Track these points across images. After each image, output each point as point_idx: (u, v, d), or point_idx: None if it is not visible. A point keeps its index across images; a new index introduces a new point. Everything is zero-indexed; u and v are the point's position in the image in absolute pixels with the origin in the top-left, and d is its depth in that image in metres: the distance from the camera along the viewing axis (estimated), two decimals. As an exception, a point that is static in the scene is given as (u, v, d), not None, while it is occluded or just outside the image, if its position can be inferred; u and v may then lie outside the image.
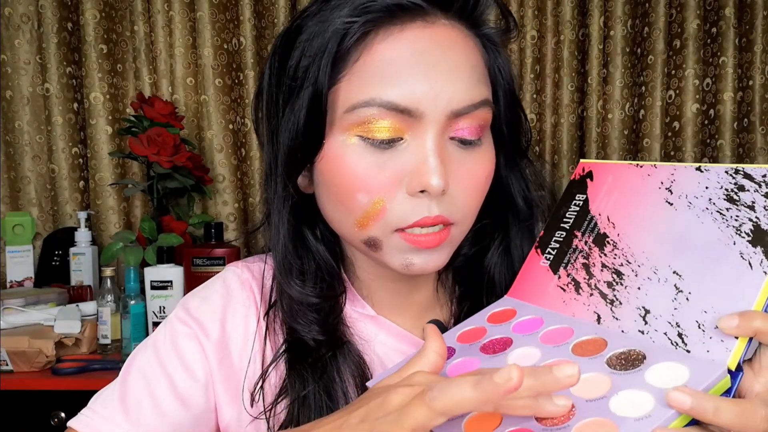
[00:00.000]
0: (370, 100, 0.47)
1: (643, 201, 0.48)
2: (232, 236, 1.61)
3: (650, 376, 0.38)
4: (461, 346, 0.49)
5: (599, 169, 0.52)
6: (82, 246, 1.46)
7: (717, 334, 0.39)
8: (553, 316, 0.48)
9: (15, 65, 1.55)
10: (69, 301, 1.37)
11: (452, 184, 0.49)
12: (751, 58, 1.51)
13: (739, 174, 0.43)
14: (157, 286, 1.22)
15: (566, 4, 1.57)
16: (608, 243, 0.48)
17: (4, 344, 1.13)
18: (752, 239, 0.40)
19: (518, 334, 0.47)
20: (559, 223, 0.53)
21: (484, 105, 0.50)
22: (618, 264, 0.47)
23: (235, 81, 1.61)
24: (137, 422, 0.54)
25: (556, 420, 0.37)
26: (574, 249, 0.50)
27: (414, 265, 0.51)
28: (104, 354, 1.21)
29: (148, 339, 0.59)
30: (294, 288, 0.56)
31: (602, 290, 0.46)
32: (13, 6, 1.53)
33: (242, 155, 1.63)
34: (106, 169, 1.57)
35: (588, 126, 1.61)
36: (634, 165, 0.50)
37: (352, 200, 0.49)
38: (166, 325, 0.59)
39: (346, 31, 0.48)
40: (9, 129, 1.56)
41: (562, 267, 0.50)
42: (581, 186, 0.53)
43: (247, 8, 1.56)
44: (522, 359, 0.44)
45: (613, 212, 0.49)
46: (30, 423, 1.13)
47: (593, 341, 0.43)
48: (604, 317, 0.45)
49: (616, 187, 0.50)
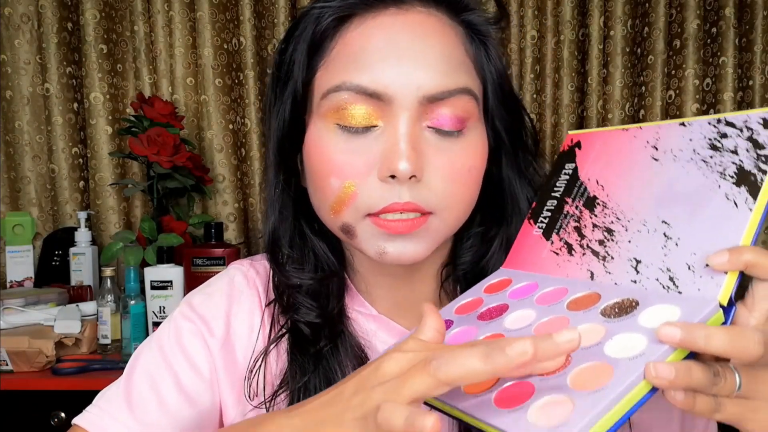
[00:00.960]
0: (341, 84, 0.49)
1: (630, 161, 0.48)
2: (232, 236, 1.61)
3: (643, 319, 0.38)
4: (459, 317, 0.49)
5: (587, 138, 0.52)
6: (82, 246, 1.46)
7: (707, 272, 0.38)
8: (547, 280, 0.48)
9: (15, 65, 1.55)
10: (69, 301, 1.37)
11: (429, 172, 0.49)
12: (751, 58, 1.51)
13: (722, 123, 0.43)
14: (157, 286, 1.22)
15: (566, 4, 1.57)
16: (598, 204, 0.48)
17: (4, 344, 1.13)
18: (736, 180, 0.41)
19: (514, 299, 0.47)
20: (550, 193, 0.53)
21: (463, 93, 0.50)
22: (608, 222, 0.47)
23: (235, 81, 1.61)
24: (143, 420, 0.54)
25: (553, 370, 0.36)
26: (566, 214, 0.50)
27: (387, 254, 0.50)
28: (104, 354, 1.21)
29: (152, 337, 0.59)
30: (291, 276, 0.56)
31: (594, 248, 0.46)
32: (13, 6, 1.53)
33: (242, 155, 1.62)
34: (106, 169, 1.57)
35: (588, 126, 1.61)
36: (620, 129, 0.50)
37: (326, 185, 0.50)
38: (170, 322, 0.58)
39: (320, 17, 0.50)
40: (9, 129, 1.56)
41: (554, 233, 0.50)
42: (570, 156, 0.53)
43: (247, 8, 1.56)
44: (517, 321, 0.44)
45: (602, 175, 0.49)
46: (30, 423, 1.13)
47: (587, 296, 0.43)
48: (597, 274, 0.45)
49: (604, 152, 0.50)
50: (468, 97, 0.50)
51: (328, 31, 0.51)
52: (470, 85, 0.51)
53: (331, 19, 0.50)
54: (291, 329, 0.56)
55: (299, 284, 0.56)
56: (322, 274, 0.57)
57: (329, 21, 0.50)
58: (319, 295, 0.56)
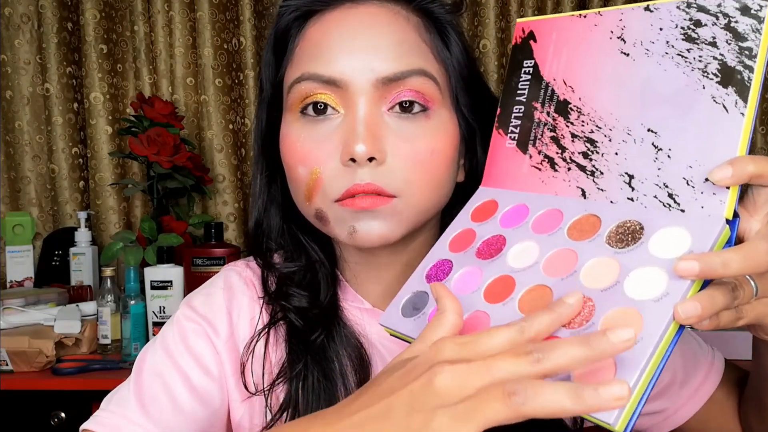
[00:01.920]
0: (300, 76, 0.52)
1: (596, 56, 0.44)
2: (232, 236, 1.61)
3: (654, 248, 0.37)
4: (456, 256, 0.47)
5: (540, 27, 0.48)
6: (82, 246, 1.45)
7: (707, 187, 0.37)
8: (536, 199, 0.46)
9: (15, 65, 1.55)
10: (69, 301, 1.37)
11: (391, 154, 0.50)
12: (751, 58, 1.51)
13: (693, 7, 0.40)
14: (157, 286, 1.21)
15: (566, 4, 1.57)
16: (572, 110, 0.45)
17: (4, 344, 1.13)
18: (721, 80, 0.38)
19: (508, 228, 0.46)
20: (514, 96, 0.49)
21: (419, 75, 0.51)
22: (588, 131, 0.44)
23: (235, 81, 1.61)
24: (159, 421, 0.53)
25: (580, 318, 0.36)
26: (538, 122, 0.47)
27: (357, 233, 0.51)
28: (104, 354, 1.21)
29: (155, 340, 0.58)
30: (279, 266, 0.59)
31: (579, 162, 0.44)
32: (13, 6, 1.53)
33: (242, 155, 1.62)
34: (106, 169, 1.57)
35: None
36: (576, 16, 0.46)
37: (296, 174, 0.53)
38: (173, 324, 0.58)
39: (280, 18, 0.56)
40: (9, 129, 1.56)
41: (530, 145, 0.48)
42: (526, 50, 0.49)
43: (247, 8, 1.56)
44: (521, 257, 0.43)
45: (568, 74, 0.46)
46: (30, 423, 1.13)
47: (585, 220, 0.42)
48: (588, 191, 0.43)
49: (563, 44, 0.46)
50: (425, 78, 0.51)
51: (291, 30, 0.55)
52: (426, 68, 0.52)
53: (291, 18, 0.55)
54: (286, 318, 0.56)
55: (286, 273, 0.58)
56: (308, 262, 0.59)
57: (289, 20, 0.55)
58: (309, 283, 0.58)
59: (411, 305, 0.46)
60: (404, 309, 0.46)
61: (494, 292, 0.42)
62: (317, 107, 0.52)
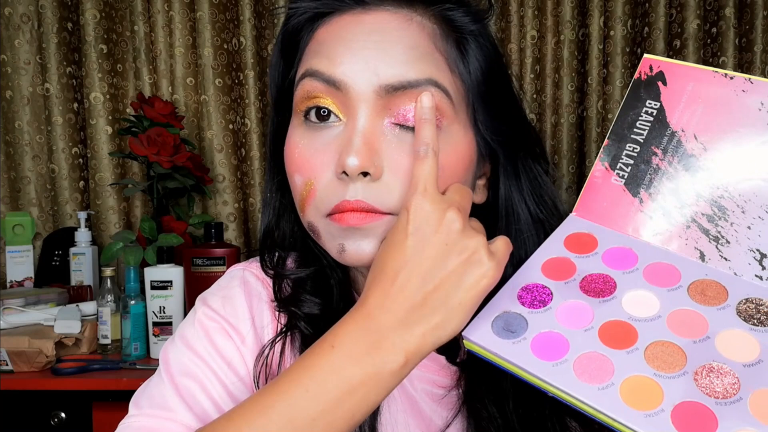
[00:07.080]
0: (304, 72, 0.50)
1: (740, 123, 0.41)
2: (232, 236, 1.61)
3: None
4: (555, 284, 0.44)
5: (674, 71, 0.45)
6: (82, 246, 1.46)
7: None
8: (645, 248, 0.43)
9: (15, 65, 1.55)
10: (69, 301, 1.37)
11: (389, 170, 0.47)
12: (751, 58, 1.51)
13: None
14: (157, 286, 1.21)
15: (566, 4, 1.57)
16: (701, 169, 0.42)
17: (4, 344, 1.13)
18: None
19: (615, 270, 0.43)
20: (630, 134, 0.46)
21: (428, 85, 0.47)
22: (717, 196, 0.41)
23: (235, 81, 1.61)
24: (205, 420, 0.49)
25: (727, 393, 0.35)
26: (656, 169, 0.44)
27: (346, 252, 0.48)
28: (104, 354, 1.21)
29: (176, 341, 0.54)
30: (288, 272, 0.57)
31: (701, 224, 0.41)
32: (13, 6, 1.53)
33: (242, 155, 1.62)
34: (106, 169, 1.57)
35: (588, 126, 1.61)
36: (720, 74, 0.43)
37: (293, 183, 0.51)
38: (195, 324, 0.55)
39: (288, 19, 0.53)
40: (9, 129, 1.56)
41: (642, 189, 0.45)
42: (652, 90, 0.46)
43: (247, 8, 1.56)
44: (639, 306, 0.40)
45: (702, 131, 0.43)
46: (30, 423, 1.13)
47: (709, 284, 0.40)
48: (709, 255, 0.41)
49: (699, 97, 0.43)
50: (435, 90, 0.47)
51: (302, 32, 0.52)
52: (438, 78, 0.48)
53: (303, 20, 0.52)
54: (296, 327, 0.55)
55: (297, 279, 0.56)
56: (320, 268, 0.57)
57: (300, 21, 0.52)
58: (320, 290, 0.55)
59: (502, 324, 0.44)
60: (494, 327, 0.44)
61: (612, 336, 0.40)
62: (320, 113, 0.49)
